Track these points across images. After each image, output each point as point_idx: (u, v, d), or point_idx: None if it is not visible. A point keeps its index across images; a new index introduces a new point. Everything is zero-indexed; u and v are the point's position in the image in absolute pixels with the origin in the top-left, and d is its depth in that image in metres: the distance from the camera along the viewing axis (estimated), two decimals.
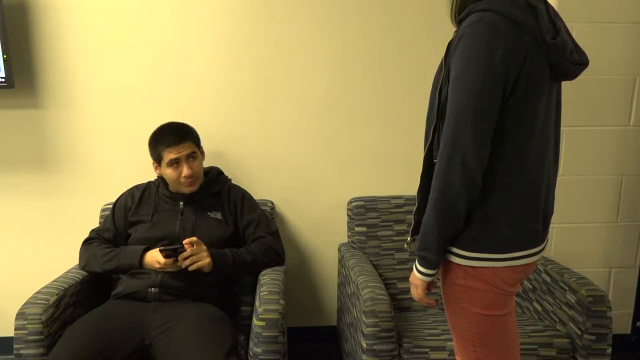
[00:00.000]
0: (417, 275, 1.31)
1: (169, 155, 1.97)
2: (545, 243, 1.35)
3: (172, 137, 1.98)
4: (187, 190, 2.01)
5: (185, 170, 1.97)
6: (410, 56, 2.38)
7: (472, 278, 1.27)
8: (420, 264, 1.29)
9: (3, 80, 2.14)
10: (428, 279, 1.30)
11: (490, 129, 1.18)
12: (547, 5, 1.25)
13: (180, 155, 1.97)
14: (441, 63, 1.28)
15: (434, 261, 1.27)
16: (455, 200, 1.20)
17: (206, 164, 2.16)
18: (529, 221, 1.27)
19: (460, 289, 1.29)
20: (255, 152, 2.42)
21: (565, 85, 2.24)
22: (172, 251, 1.83)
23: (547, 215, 1.33)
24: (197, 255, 1.85)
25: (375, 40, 2.36)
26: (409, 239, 1.40)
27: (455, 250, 1.27)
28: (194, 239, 1.86)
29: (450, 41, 1.25)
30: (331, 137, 2.43)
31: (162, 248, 1.84)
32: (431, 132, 1.30)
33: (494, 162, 1.21)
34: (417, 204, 1.34)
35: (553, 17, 1.24)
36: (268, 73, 2.36)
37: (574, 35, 2.17)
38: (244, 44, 2.33)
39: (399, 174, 2.48)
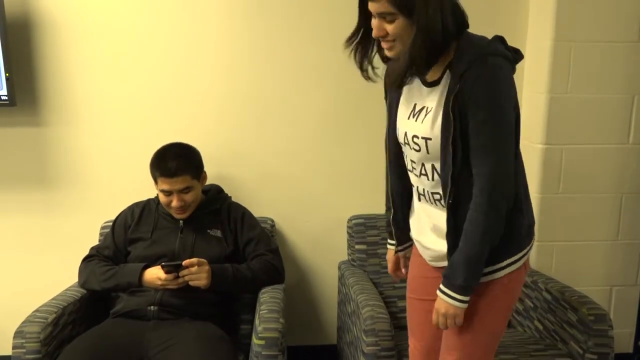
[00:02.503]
0: (459, 305, 1.31)
1: (161, 185, 1.95)
2: None
3: (169, 167, 1.93)
4: (177, 216, 2.02)
5: (175, 202, 1.95)
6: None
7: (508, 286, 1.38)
8: (464, 294, 1.31)
9: (5, 98, 2.15)
10: (466, 305, 1.33)
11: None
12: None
13: (172, 189, 1.94)
14: (446, 115, 1.25)
15: (475, 286, 1.33)
16: (498, 231, 1.30)
17: (206, 182, 2.16)
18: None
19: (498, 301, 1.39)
20: (255, 169, 2.43)
21: (565, 103, 2.27)
22: (173, 267, 1.83)
23: None
24: (195, 274, 1.84)
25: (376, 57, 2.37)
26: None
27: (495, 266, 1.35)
28: (195, 260, 1.85)
29: (455, 93, 1.23)
30: (331, 155, 2.44)
31: (164, 264, 1.84)
32: (449, 181, 1.29)
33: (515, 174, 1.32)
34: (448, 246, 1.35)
35: None
36: (266, 91, 2.37)
37: (571, 55, 2.23)
38: (242, 65, 2.34)
39: None
